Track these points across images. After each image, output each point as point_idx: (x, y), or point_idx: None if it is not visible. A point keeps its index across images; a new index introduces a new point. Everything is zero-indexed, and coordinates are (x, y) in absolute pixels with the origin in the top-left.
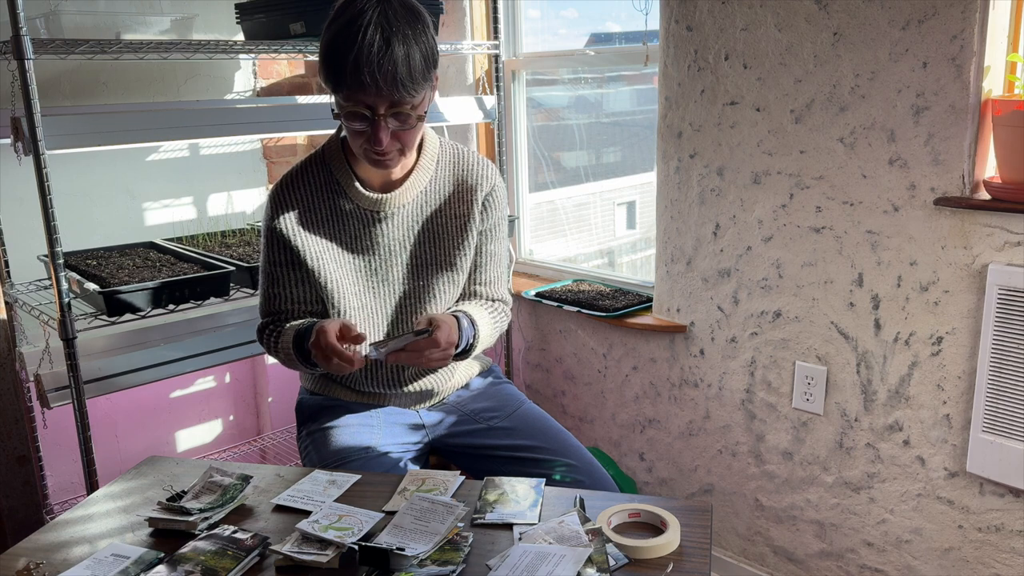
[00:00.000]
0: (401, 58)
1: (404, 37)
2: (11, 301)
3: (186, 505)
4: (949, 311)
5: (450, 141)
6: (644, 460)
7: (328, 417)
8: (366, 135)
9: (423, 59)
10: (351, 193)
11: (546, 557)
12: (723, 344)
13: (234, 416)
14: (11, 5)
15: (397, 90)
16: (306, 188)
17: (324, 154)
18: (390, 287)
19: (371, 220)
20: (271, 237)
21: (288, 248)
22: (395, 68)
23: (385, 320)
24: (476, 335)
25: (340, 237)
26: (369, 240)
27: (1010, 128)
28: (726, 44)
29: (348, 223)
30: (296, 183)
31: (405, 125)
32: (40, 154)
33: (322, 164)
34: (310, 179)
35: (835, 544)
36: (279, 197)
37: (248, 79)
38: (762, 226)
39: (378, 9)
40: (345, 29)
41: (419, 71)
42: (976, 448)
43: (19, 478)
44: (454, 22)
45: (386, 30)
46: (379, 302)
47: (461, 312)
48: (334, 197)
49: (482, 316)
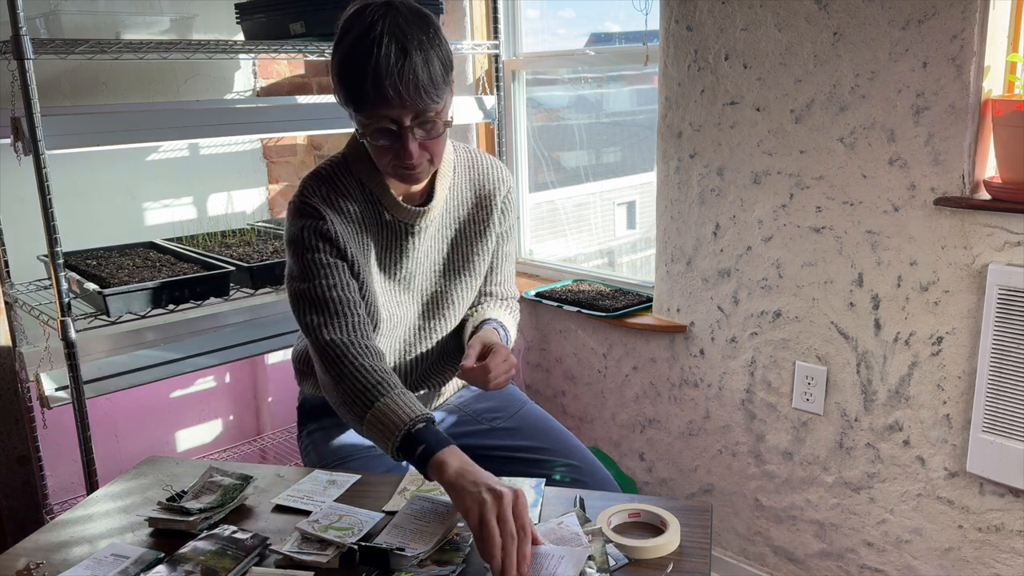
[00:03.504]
0: (421, 66)
1: (420, 44)
2: (11, 301)
3: (186, 505)
4: (949, 311)
5: (461, 144)
6: (644, 460)
7: (329, 417)
8: (394, 151)
9: (441, 64)
10: (388, 204)
11: (546, 558)
12: (723, 344)
13: (234, 416)
14: (11, 5)
15: (421, 99)
16: (340, 198)
17: (349, 163)
18: (411, 295)
19: (406, 232)
20: (317, 239)
21: (338, 249)
22: (416, 77)
23: (405, 328)
24: (508, 340)
25: (375, 248)
26: (399, 251)
27: (1010, 128)
28: (726, 44)
29: (383, 234)
30: (330, 193)
31: (432, 134)
32: (40, 154)
33: (349, 173)
34: (343, 189)
35: (835, 544)
36: (314, 205)
37: (248, 79)
38: (762, 226)
39: (388, 20)
40: (358, 45)
41: (440, 77)
42: (976, 448)
43: (19, 478)
44: (454, 22)
45: (401, 39)
46: (402, 310)
47: (494, 322)
48: (372, 207)
49: (506, 319)
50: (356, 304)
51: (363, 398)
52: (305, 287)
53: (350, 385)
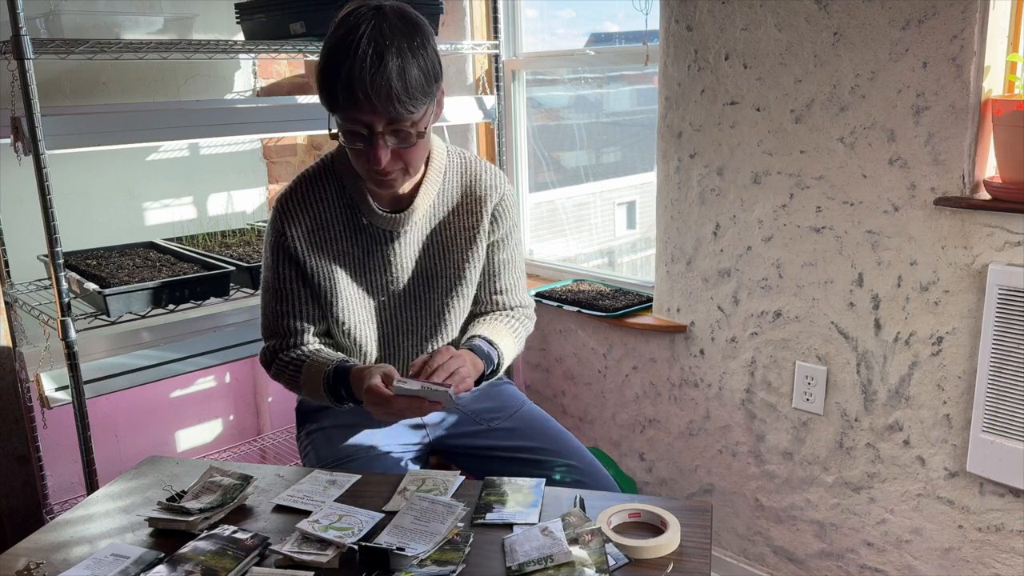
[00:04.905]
0: (395, 73)
1: (399, 51)
2: (11, 301)
3: (186, 505)
4: (949, 311)
5: (457, 149)
6: (644, 460)
7: (328, 418)
8: (366, 154)
9: (421, 73)
10: (365, 210)
11: None
12: (723, 344)
13: (234, 416)
14: (11, 5)
15: (393, 107)
16: (318, 202)
17: (335, 165)
18: (399, 301)
19: (386, 238)
20: (279, 252)
21: (297, 264)
22: (389, 84)
23: (394, 334)
24: (500, 354)
25: (353, 253)
26: (381, 257)
27: (1010, 128)
28: (726, 44)
29: (361, 240)
30: (307, 196)
31: (405, 143)
32: (40, 154)
33: (333, 176)
34: (322, 192)
35: (835, 544)
36: (288, 209)
37: (248, 79)
38: (762, 226)
39: (373, 23)
40: (338, 46)
41: (416, 86)
42: (976, 448)
43: (19, 478)
44: (454, 22)
45: (379, 44)
46: (387, 315)
47: (476, 337)
48: (348, 212)
49: (498, 331)
50: (300, 319)
51: (294, 373)
52: (262, 293)
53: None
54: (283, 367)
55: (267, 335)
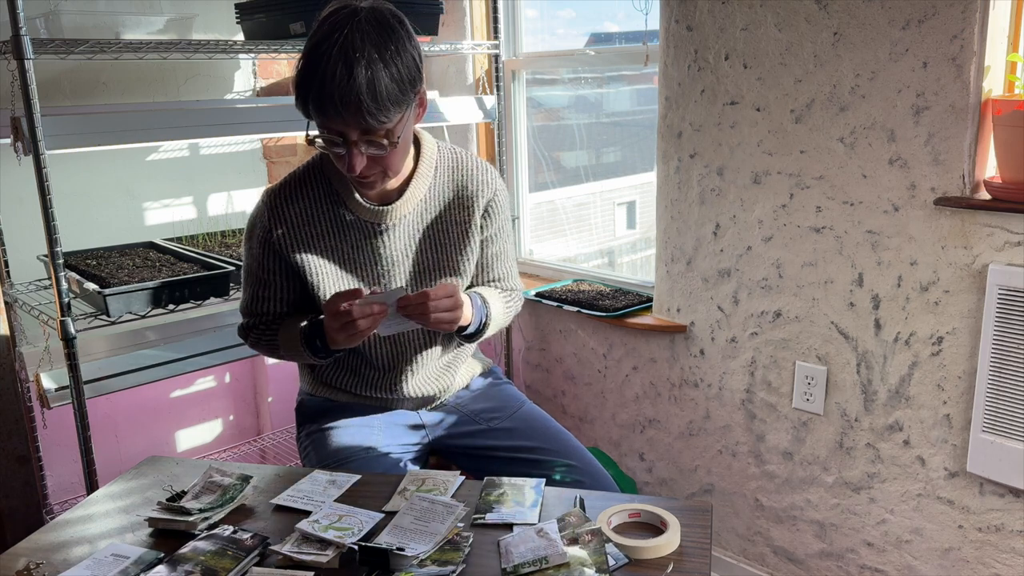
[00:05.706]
0: (365, 85)
1: (370, 61)
2: (11, 301)
3: (186, 505)
4: (949, 311)
5: (449, 145)
6: (644, 460)
7: (328, 418)
8: (343, 159)
9: (394, 82)
10: (351, 205)
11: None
12: (723, 344)
13: (234, 416)
14: (11, 5)
15: (363, 118)
16: (306, 200)
17: (323, 163)
18: None
19: (373, 232)
20: (265, 245)
21: (282, 259)
22: (359, 96)
23: None
24: (489, 312)
25: (341, 248)
26: (371, 251)
27: (1010, 128)
28: (726, 44)
29: (349, 235)
30: (294, 193)
31: (380, 151)
32: (40, 154)
33: (321, 174)
34: (308, 190)
35: (835, 544)
36: (276, 206)
37: (248, 79)
38: (762, 226)
39: (345, 31)
40: (312, 53)
41: (388, 95)
42: (976, 448)
43: (19, 478)
44: (454, 22)
45: (349, 56)
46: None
47: (473, 292)
48: (334, 208)
49: (493, 295)
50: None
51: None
52: (244, 276)
53: (257, 341)
54: (260, 336)
55: (245, 313)
